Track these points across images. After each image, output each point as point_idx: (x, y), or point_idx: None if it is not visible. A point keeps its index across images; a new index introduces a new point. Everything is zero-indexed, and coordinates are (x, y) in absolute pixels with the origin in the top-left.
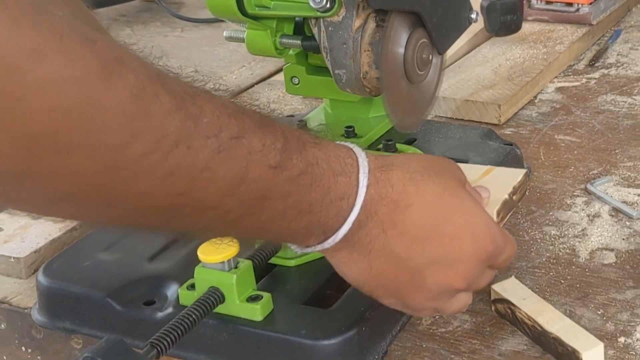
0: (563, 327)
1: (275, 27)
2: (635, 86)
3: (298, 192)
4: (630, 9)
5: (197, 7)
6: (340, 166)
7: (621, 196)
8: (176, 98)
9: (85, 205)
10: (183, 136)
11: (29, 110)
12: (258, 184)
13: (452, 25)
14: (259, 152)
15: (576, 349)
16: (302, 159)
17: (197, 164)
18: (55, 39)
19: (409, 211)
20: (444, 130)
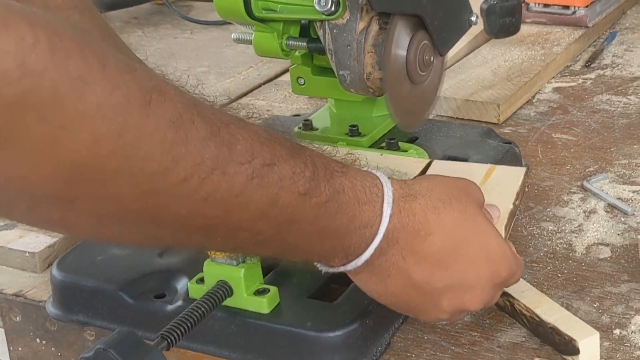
0: (560, 317)
1: (281, 30)
2: (629, 86)
3: (324, 218)
4: (625, 12)
5: (206, 10)
6: (365, 195)
7: (616, 193)
8: (211, 125)
9: (128, 227)
10: (218, 162)
11: (73, 138)
12: (288, 209)
13: (452, 28)
14: (290, 179)
15: (573, 337)
16: (330, 187)
17: (231, 189)
18: (99, 67)
19: (429, 239)
20: (445, 129)
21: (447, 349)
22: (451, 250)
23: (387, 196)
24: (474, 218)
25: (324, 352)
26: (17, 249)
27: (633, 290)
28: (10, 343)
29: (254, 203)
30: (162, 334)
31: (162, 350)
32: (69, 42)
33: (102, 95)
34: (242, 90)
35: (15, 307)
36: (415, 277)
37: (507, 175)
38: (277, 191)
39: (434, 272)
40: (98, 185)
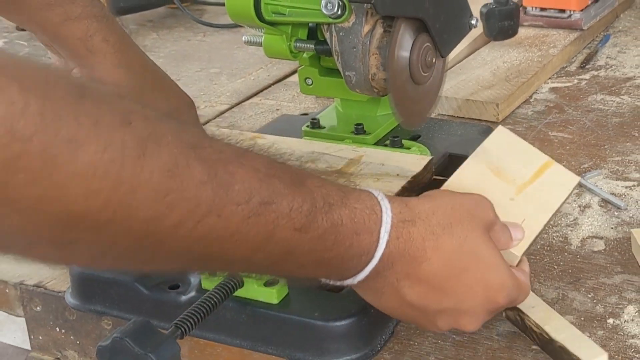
0: (569, 336)
1: (290, 32)
2: (622, 87)
3: (321, 250)
4: (618, 15)
5: (218, 14)
6: (364, 224)
7: (610, 188)
8: (209, 167)
9: (124, 261)
10: (215, 205)
11: (66, 196)
12: (283, 244)
13: (453, 31)
14: (286, 215)
15: (580, 358)
16: (328, 220)
17: (227, 229)
18: (91, 124)
19: (425, 265)
20: (447, 128)
21: (448, 337)
22: (447, 277)
23: (385, 223)
24: (475, 244)
25: (330, 340)
26: None
27: (626, 281)
28: (31, 332)
29: (249, 240)
30: (177, 323)
31: (176, 338)
32: (61, 104)
33: (95, 154)
34: (253, 90)
35: (36, 298)
36: (408, 298)
37: (560, 178)
38: (272, 228)
39: (429, 295)
40: (93, 232)
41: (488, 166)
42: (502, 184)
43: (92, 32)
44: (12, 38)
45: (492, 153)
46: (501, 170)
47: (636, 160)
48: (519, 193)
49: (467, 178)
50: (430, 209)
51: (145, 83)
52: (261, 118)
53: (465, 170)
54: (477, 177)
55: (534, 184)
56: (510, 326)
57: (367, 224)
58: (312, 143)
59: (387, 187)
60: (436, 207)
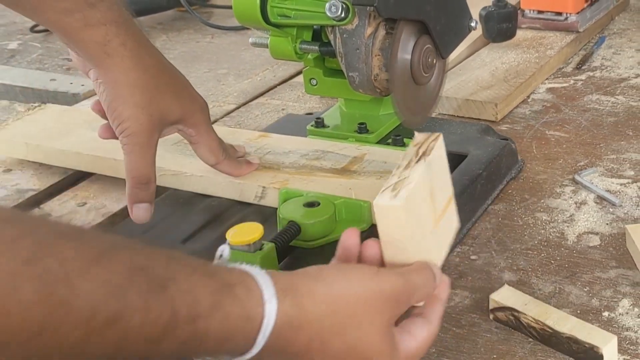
0: (575, 326)
1: (295, 34)
2: (617, 87)
3: (184, 352)
4: (613, 18)
5: (226, 16)
6: (237, 330)
7: (605, 185)
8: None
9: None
10: (48, 324)
11: None
12: (135, 352)
13: (454, 33)
14: (137, 330)
15: (595, 344)
16: (190, 330)
17: (64, 346)
18: None
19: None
20: (447, 127)
21: (449, 329)
22: None
23: (264, 330)
24: (368, 348)
25: None
26: None
27: (620, 275)
28: None
29: (94, 354)
30: None
31: None
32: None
33: None
34: (259, 91)
35: None
36: None
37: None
38: (120, 342)
39: None
40: None
41: (429, 183)
42: (430, 211)
43: (111, 37)
44: (26, 40)
45: (434, 167)
46: (433, 193)
47: (630, 159)
48: (436, 225)
49: (416, 198)
50: (325, 311)
51: (159, 85)
52: (267, 117)
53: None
54: (422, 200)
55: (443, 217)
56: None
57: (242, 331)
58: (317, 141)
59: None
60: (333, 309)
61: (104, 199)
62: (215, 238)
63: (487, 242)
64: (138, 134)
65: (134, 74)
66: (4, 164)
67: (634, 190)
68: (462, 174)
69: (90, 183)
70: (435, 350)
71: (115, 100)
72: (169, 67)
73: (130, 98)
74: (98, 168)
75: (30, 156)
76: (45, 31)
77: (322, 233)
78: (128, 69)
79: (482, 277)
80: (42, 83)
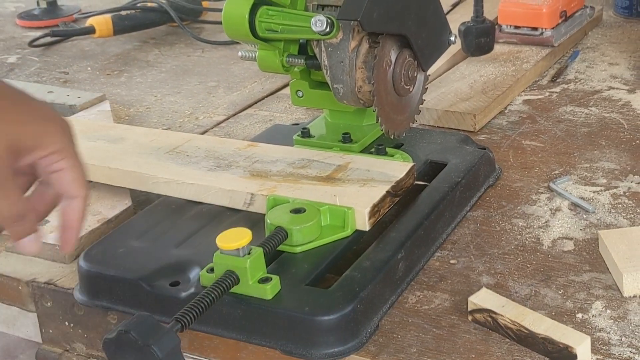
0: (550, 327)
1: (282, 48)
2: (590, 99)
3: None
4: (586, 33)
5: (216, 31)
6: None
7: (579, 193)
8: None
9: None
10: None
11: None
12: None
13: (434, 47)
14: None
15: (569, 345)
16: None
17: None
18: None
19: None
20: (427, 136)
21: (429, 330)
22: None
23: None
24: None
25: (320, 333)
26: (48, 242)
27: (594, 279)
28: (42, 326)
29: None
30: (177, 317)
31: (177, 331)
32: None
33: None
34: (248, 102)
35: (47, 294)
36: None
37: None
38: None
39: None
40: None
41: None
42: None
43: None
44: (25, 54)
45: None
46: None
47: (603, 167)
48: None
49: None
50: None
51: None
52: (255, 128)
53: None
54: None
55: None
56: None
57: None
58: (303, 151)
59: (372, 191)
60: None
61: (99, 206)
62: (206, 243)
63: (466, 247)
64: None
65: None
66: None
67: (606, 197)
68: (442, 182)
69: None
70: (416, 350)
71: None
72: (11, 89)
73: None
74: (93, 176)
75: None
76: (43, 45)
77: (308, 238)
78: None
79: (461, 280)
80: (40, 95)
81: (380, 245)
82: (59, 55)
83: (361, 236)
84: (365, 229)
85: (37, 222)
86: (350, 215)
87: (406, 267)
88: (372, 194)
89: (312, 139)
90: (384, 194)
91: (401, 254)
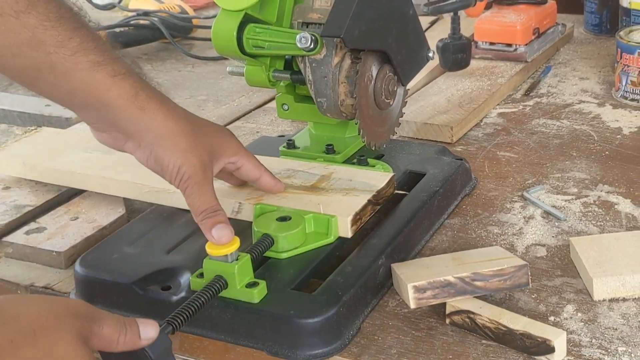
0: (527, 323)
1: (269, 64)
2: (562, 112)
3: None
4: (558, 49)
5: (205, 48)
6: None
7: (551, 202)
8: None
9: None
10: None
11: None
12: None
13: (413, 62)
14: None
15: (547, 338)
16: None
17: None
18: None
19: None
20: (407, 148)
21: (409, 332)
22: None
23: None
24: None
25: (305, 335)
26: (45, 249)
27: (565, 283)
28: None
29: None
30: (168, 320)
31: (168, 334)
32: None
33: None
34: (236, 115)
35: None
36: None
37: None
38: None
39: None
40: None
41: None
42: None
43: (138, 90)
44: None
45: None
46: None
47: (574, 177)
48: None
49: None
50: (13, 314)
51: (194, 129)
52: (243, 139)
53: None
54: None
55: None
56: None
57: None
58: (288, 161)
59: (354, 200)
60: (19, 313)
61: (95, 214)
62: (196, 249)
63: (443, 253)
64: (194, 175)
65: (170, 124)
66: (3, 182)
67: (577, 206)
68: (421, 191)
69: (81, 199)
70: (396, 351)
71: (164, 153)
72: (187, 111)
73: (177, 146)
74: (89, 185)
75: (27, 175)
76: None
77: (293, 245)
78: (164, 120)
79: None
80: (38, 108)
81: (362, 252)
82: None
83: (344, 243)
84: (348, 236)
85: (227, 218)
86: (333, 223)
87: (387, 273)
88: (354, 202)
89: (297, 150)
90: (365, 202)
91: (382, 260)
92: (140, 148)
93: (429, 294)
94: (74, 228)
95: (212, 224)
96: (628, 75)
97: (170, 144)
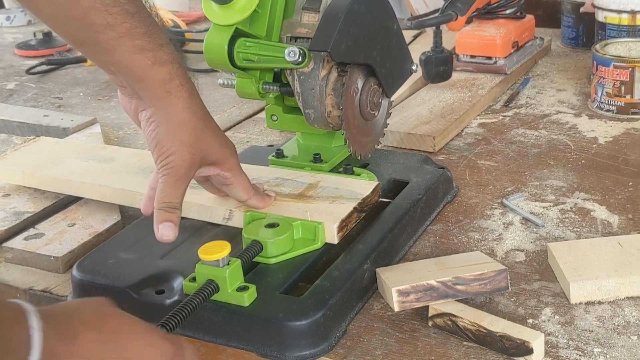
0: (507, 326)
1: (258, 76)
2: (540, 122)
3: None
4: (536, 62)
5: (197, 60)
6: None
7: (529, 208)
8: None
9: None
10: None
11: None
12: None
13: (397, 75)
14: None
15: (526, 340)
16: None
17: None
18: None
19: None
20: (391, 157)
21: (393, 334)
22: None
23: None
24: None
25: (293, 337)
26: (44, 254)
27: (543, 287)
28: None
29: None
30: (162, 323)
31: None
32: None
33: None
34: (227, 125)
35: (43, 302)
36: None
37: None
38: None
39: None
40: None
41: None
42: None
43: (173, 76)
44: (23, 81)
45: None
46: None
47: (552, 185)
48: None
49: None
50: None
51: (204, 128)
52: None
53: None
54: None
55: None
56: None
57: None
58: (277, 170)
59: (340, 208)
60: (104, 313)
61: (91, 220)
62: (189, 254)
63: (426, 258)
64: (178, 168)
65: (186, 114)
66: (3, 190)
67: (554, 212)
68: (404, 199)
69: (78, 206)
70: (381, 352)
71: (165, 135)
72: (209, 113)
73: (178, 135)
74: (86, 193)
75: (26, 182)
76: (40, 73)
77: (281, 250)
78: (182, 109)
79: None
80: (36, 118)
81: (348, 257)
82: (53, 82)
83: (330, 248)
84: (334, 242)
85: (179, 220)
86: (320, 230)
87: (372, 277)
88: (341, 210)
89: (285, 159)
90: (351, 210)
91: (367, 265)
92: (148, 121)
93: (412, 297)
94: (71, 234)
95: (164, 218)
96: (603, 87)
97: (174, 131)
